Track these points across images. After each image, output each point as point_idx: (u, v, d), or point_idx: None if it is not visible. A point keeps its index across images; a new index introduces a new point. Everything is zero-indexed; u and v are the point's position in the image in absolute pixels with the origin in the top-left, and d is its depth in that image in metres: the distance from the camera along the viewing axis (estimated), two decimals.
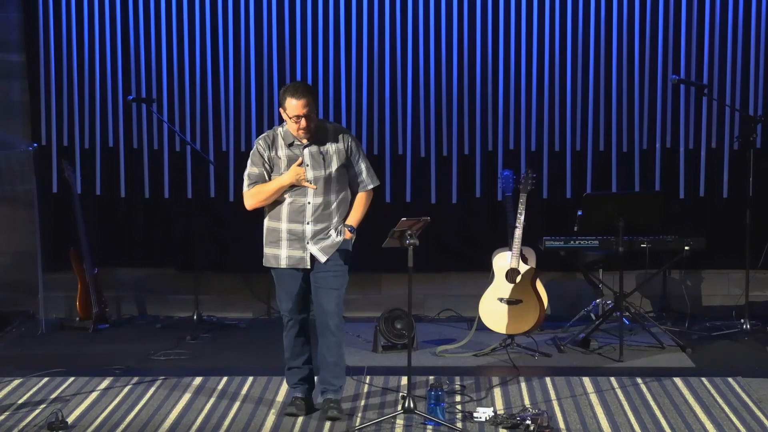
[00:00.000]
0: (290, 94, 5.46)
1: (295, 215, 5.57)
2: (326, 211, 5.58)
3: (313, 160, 5.56)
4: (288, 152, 5.57)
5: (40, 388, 6.25)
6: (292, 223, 5.58)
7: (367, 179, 5.71)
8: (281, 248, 5.62)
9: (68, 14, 8.07)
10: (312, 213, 5.57)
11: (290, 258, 5.61)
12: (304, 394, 5.78)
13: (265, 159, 5.59)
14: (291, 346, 5.77)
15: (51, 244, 8.13)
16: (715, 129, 8.08)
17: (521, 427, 5.42)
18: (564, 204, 8.06)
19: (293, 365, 5.79)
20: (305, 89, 5.51)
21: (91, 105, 8.13)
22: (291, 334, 5.75)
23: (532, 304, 6.98)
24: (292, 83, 5.89)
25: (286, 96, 5.47)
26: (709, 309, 8.16)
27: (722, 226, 8.02)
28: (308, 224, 5.57)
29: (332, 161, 5.57)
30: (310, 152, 5.56)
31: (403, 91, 8.09)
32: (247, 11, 8.05)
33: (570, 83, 8.05)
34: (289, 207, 5.57)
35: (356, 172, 5.67)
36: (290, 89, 5.49)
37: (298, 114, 5.45)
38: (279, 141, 5.61)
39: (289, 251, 5.61)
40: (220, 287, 8.19)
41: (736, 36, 7.98)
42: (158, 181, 8.18)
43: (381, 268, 8.06)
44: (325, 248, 5.59)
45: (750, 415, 5.70)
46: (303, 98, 5.44)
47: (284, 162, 5.57)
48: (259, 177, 5.59)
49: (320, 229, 5.58)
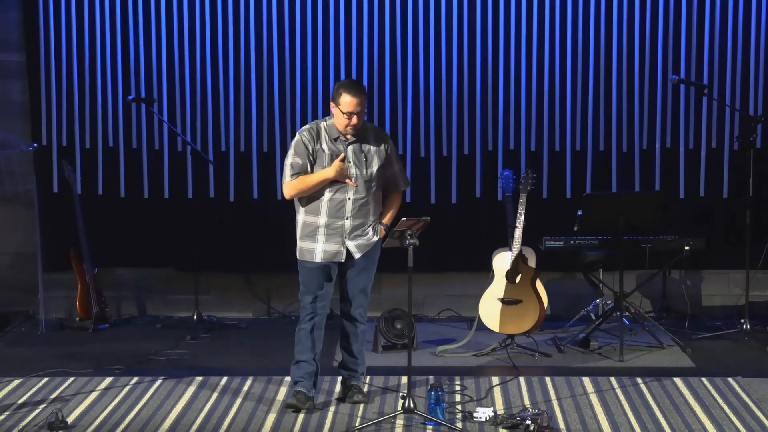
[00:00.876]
0: (346, 90, 5.60)
1: (335, 210, 5.70)
2: (365, 208, 5.74)
3: (355, 157, 5.71)
4: (331, 147, 5.69)
5: (40, 388, 6.25)
6: (331, 218, 5.70)
7: (401, 181, 5.92)
8: (317, 242, 5.73)
9: (68, 14, 8.07)
10: (351, 209, 5.71)
11: (326, 252, 5.73)
12: (306, 389, 5.81)
13: (309, 151, 5.68)
14: (303, 340, 5.83)
15: (51, 244, 8.13)
16: (715, 129, 8.08)
17: (521, 427, 5.42)
18: (564, 204, 8.05)
19: (301, 359, 5.84)
20: (361, 87, 5.66)
21: (91, 105, 8.13)
22: (307, 329, 5.82)
23: (532, 304, 6.98)
24: (347, 80, 6.28)
25: (342, 91, 5.60)
26: (709, 309, 8.16)
27: (722, 226, 8.02)
28: (347, 219, 5.71)
29: (373, 161, 5.73)
30: (353, 150, 5.71)
31: (403, 91, 8.09)
32: (247, 11, 8.05)
33: (570, 83, 8.05)
34: (329, 202, 5.69)
35: (392, 173, 5.85)
36: (346, 86, 5.64)
37: (352, 111, 5.59)
38: (323, 134, 5.71)
39: (326, 245, 5.72)
40: (220, 287, 8.19)
41: (736, 36, 7.98)
42: (158, 181, 8.18)
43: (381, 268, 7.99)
44: (361, 245, 5.77)
45: (750, 415, 5.70)
46: (359, 96, 5.58)
47: (327, 156, 5.68)
48: (302, 168, 5.68)
49: (358, 224, 5.74)
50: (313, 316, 5.81)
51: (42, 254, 7.87)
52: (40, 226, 7.92)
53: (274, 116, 8.08)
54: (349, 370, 5.99)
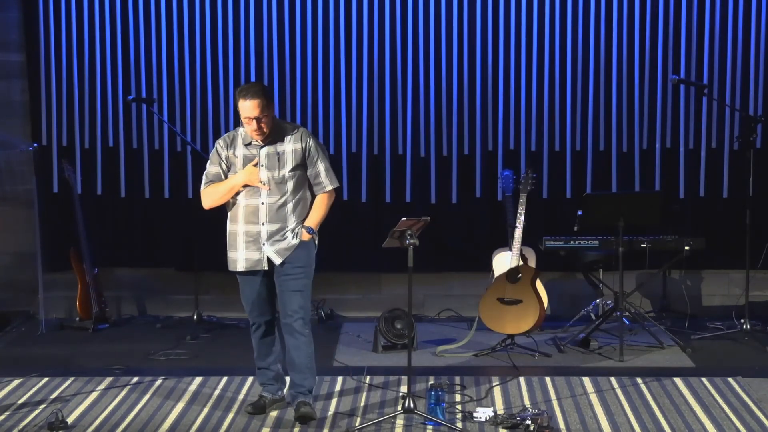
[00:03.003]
0: (242, 95, 5.41)
1: (250, 216, 5.54)
2: (281, 212, 5.52)
3: (268, 160, 5.52)
4: (245, 152, 5.55)
5: (40, 388, 6.25)
6: (248, 225, 5.54)
7: (325, 180, 5.61)
8: (238, 250, 5.59)
9: (68, 14, 8.08)
10: (266, 213, 5.52)
11: (248, 260, 5.57)
12: (270, 393, 5.76)
13: (222, 158, 5.57)
14: (257, 348, 5.76)
15: (51, 244, 8.13)
16: (715, 129, 8.08)
17: (521, 427, 5.42)
18: (564, 204, 8.06)
19: (260, 366, 5.79)
20: (257, 90, 5.42)
21: (91, 105, 8.13)
22: (257, 336, 5.74)
23: (532, 304, 6.98)
24: (245, 84, 5.77)
25: (239, 97, 5.42)
26: (709, 309, 8.16)
27: (722, 226, 8.02)
28: (263, 225, 5.52)
29: (287, 162, 5.52)
30: (267, 152, 5.52)
31: (403, 91, 8.09)
32: (247, 11, 8.05)
33: (570, 83, 8.05)
34: (245, 208, 5.54)
35: (314, 173, 5.59)
36: (242, 90, 5.44)
37: (250, 115, 5.41)
38: (238, 140, 5.58)
39: (246, 253, 5.57)
40: (220, 287, 8.18)
41: (736, 36, 7.98)
42: (158, 181, 8.18)
43: (381, 268, 8.08)
44: (281, 251, 5.54)
45: (750, 415, 5.70)
46: (254, 99, 5.38)
47: (240, 161, 5.55)
48: (215, 176, 5.59)
49: (276, 229, 5.52)
50: (257, 326, 5.70)
51: (42, 254, 7.87)
52: (40, 226, 7.92)
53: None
54: (296, 386, 5.65)
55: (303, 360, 5.62)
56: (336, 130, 8.11)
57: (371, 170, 8.13)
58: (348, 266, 8.10)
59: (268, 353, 5.76)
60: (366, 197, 8.15)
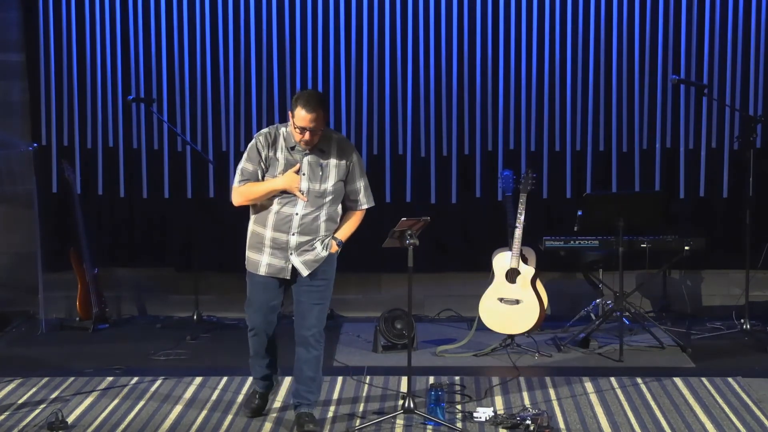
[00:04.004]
0: (302, 104, 5.21)
1: (280, 224, 5.36)
2: (314, 225, 5.38)
3: (310, 170, 5.34)
4: (287, 155, 5.35)
5: (40, 388, 6.25)
6: (276, 232, 5.38)
7: (363, 199, 5.51)
8: (263, 254, 5.42)
9: (68, 14, 8.07)
10: (298, 224, 5.36)
11: (270, 266, 5.42)
12: (263, 389, 5.71)
13: (262, 157, 5.36)
14: (255, 348, 5.62)
15: (51, 244, 8.13)
16: (715, 129, 8.08)
17: (521, 427, 5.42)
18: (564, 204, 8.06)
19: (256, 363, 5.68)
20: (318, 102, 5.23)
21: (92, 105, 8.13)
22: (254, 341, 5.61)
23: (532, 304, 6.98)
24: (306, 92, 5.40)
25: (298, 105, 5.21)
26: (709, 309, 8.16)
27: (722, 226, 8.02)
28: (293, 235, 5.37)
29: (330, 176, 5.36)
30: (309, 162, 5.34)
31: (403, 91, 8.09)
32: (247, 11, 8.05)
33: (570, 83, 8.05)
34: (276, 215, 5.36)
35: (354, 190, 5.47)
36: (303, 99, 5.23)
37: (305, 126, 5.22)
38: (280, 141, 5.37)
39: (271, 259, 5.41)
40: (220, 287, 8.18)
41: (736, 36, 7.98)
42: (158, 181, 8.18)
43: (381, 268, 8.07)
44: (308, 262, 5.41)
45: (750, 415, 5.70)
46: (314, 112, 5.20)
47: (281, 165, 5.36)
48: (252, 174, 5.38)
49: (305, 241, 5.38)
50: (255, 333, 5.54)
51: (42, 254, 7.86)
52: (40, 226, 7.91)
53: (273, 116, 8.07)
54: (300, 397, 5.55)
55: (311, 374, 5.52)
56: (336, 130, 8.09)
57: (371, 170, 8.12)
58: (348, 266, 8.02)
59: (266, 356, 5.64)
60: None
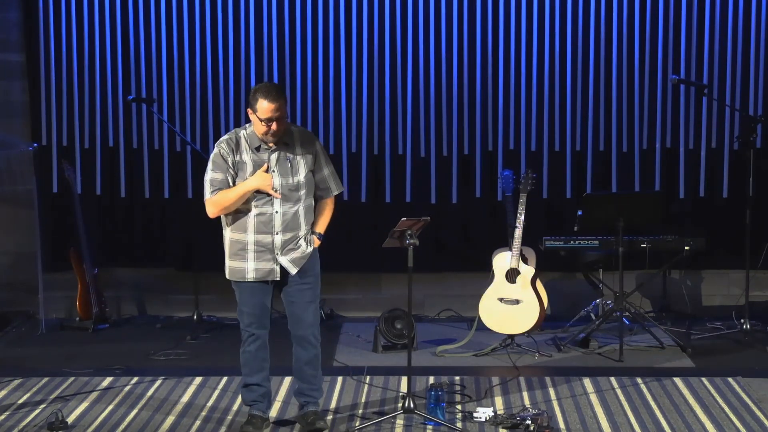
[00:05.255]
0: (263, 95, 5.18)
1: (262, 226, 5.32)
2: (295, 220, 5.35)
3: (280, 166, 5.32)
4: (254, 156, 5.31)
5: (40, 388, 6.25)
6: (259, 234, 5.33)
7: (332, 185, 5.49)
8: (248, 260, 5.37)
9: (68, 14, 8.07)
10: (281, 222, 5.33)
11: (258, 271, 5.37)
12: (261, 411, 5.54)
13: (229, 164, 5.29)
14: (249, 363, 5.51)
15: (51, 244, 8.13)
16: (715, 129, 8.08)
17: (521, 427, 5.42)
18: (564, 204, 8.06)
19: (251, 382, 5.52)
20: (279, 92, 5.23)
21: (91, 105, 8.13)
22: (250, 350, 5.50)
23: (532, 304, 6.98)
24: (264, 84, 5.40)
25: (258, 97, 5.18)
26: (709, 309, 8.16)
27: (722, 226, 8.01)
28: (277, 234, 5.33)
29: (299, 168, 5.34)
30: (277, 158, 5.32)
31: (403, 91, 8.09)
32: (247, 11, 8.05)
33: (570, 83, 8.05)
34: (257, 218, 5.32)
35: (322, 178, 5.44)
36: (263, 90, 5.21)
37: (270, 117, 5.18)
38: (243, 144, 5.32)
39: (257, 263, 5.36)
40: (220, 287, 8.12)
41: (736, 36, 7.98)
42: (158, 181, 8.18)
43: (381, 268, 8.07)
44: (296, 260, 5.38)
45: (750, 415, 5.70)
46: (276, 101, 5.17)
47: (250, 167, 5.30)
48: (222, 183, 5.30)
49: (289, 238, 5.35)
50: (255, 338, 5.47)
51: (42, 254, 7.87)
52: (40, 226, 7.92)
53: None
54: (305, 396, 5.55)
55: (313, 372, 5.52)
56: (336, 130, 8.11)
57: (371, 170, 8.13)
58: (348, 266, 8.09)
59: (261, 369, 5.52)
60: (366, 197, 8.15)
